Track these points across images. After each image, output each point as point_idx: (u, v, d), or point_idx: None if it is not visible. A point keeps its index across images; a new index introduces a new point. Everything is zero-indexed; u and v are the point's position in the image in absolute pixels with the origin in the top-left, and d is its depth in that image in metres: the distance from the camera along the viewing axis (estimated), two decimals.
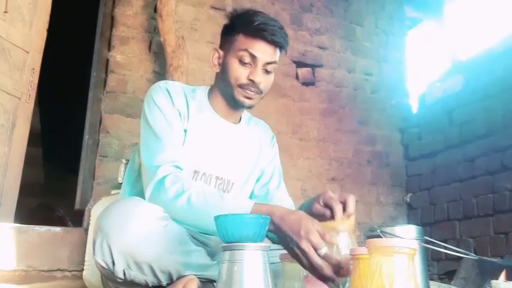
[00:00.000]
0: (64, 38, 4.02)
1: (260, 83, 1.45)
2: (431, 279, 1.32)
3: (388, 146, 3.76)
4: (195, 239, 1.31)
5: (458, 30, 3.90)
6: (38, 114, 4.20)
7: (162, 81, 1.52)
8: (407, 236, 1.12)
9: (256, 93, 1.46)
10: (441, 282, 2.17)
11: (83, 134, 3.06)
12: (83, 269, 1.46)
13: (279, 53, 1.49)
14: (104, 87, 3.06)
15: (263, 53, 1.44)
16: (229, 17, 1.54)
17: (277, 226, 1.12)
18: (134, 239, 1.11)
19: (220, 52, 1.51)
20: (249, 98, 1.46)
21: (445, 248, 1.27)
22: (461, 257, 1.63)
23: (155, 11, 3.08)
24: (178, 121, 1.43)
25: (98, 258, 1.13)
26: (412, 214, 3.68)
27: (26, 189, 2.90)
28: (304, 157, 3.47)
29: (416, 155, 3.70)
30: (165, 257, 1.15)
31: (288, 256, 1.11)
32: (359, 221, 3.54)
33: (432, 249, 1.19)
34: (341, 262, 1.03)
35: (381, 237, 1.10)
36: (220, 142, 1.52)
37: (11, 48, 2.56)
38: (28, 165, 2.76)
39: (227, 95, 1.50)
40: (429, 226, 3.42)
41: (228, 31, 1.52)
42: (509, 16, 3.43)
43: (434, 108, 3.60)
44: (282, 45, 1.48)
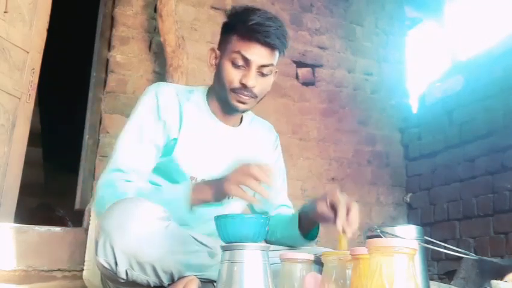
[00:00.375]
0: (64, 38, 4.02)
1: (254, 87, 1.39)
2: (431, 279, 1.32)
3: (388, 146, 3.76)
4: (194, 239, 1.31)
5: (458, 30, 3.90)
6: (38, 114, 4.20)
7: (156, 85, 1.48)
8: (407, 236, 1.12)
9: (250, 97, 1.41)
10: (441, 282, 2.17)
11: (83, 134, 3.06)
12: (83, 269, 1.46)
13: (278, 55, 1.43)
14: (104, 87, 3.06)
15: (257, 56, 1.37)
16: (227, 15, 1.48)
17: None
18: (136, 240, 1.11)
19: (217, 52, 1.45)
20: (242, 103, 1.41)
21: (445, 248, 1.27)
22: (461, 257, 1.63)
23: (155, 11, 3.08)
24: (154, 136, 1.40)
25: (101, 259, 1.12)
26: (412, 214, 3.68)
27: (26, 189, 2.90)
28: (304, 157, 3.47)
29: (416, 155, 3.70)
30: (167, 257, 1.15)
31: (288, 256, 1.12)
32: (359, 221, 3.54)
33: (432, 249, 1.19)
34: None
35: (381, 237, 1.10)
36: (218, 147, 1.48)
37: (11, 48, 2.56)
38: (28, 165, 2.76)
39: (222, 98, 1.45)
40: (429, 226, 3.42)
41: (225, 30, 1.46)
42: (509, 16, 3.43)
43: (434, 108, 3.60)
44: (278, 47, 1.40)
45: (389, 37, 3.92)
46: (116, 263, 1.12)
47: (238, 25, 1.39)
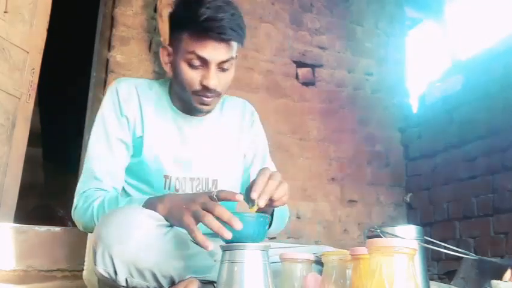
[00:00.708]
0: (64, 38, 4.02)
1: (216, 87, 1.31)
2: (431, 279, 1.32)
3: (388, 146, 3.76)
4: (193, 242, 1.31)
5: (458, 30, 3.90)
6: (38, 114, 4.20)
7: (116, 81, 1.44)
8: (407, 236, 1.11)
9: (214, 97, 1.34)
10: (441, 282, 2.17)
11: (83, 134, 3.06)
12: (83, 269, 1.46)
13: (236, 46, 1.32)
14: (104, 87, 3.05)
15: (214, 54, 1.27)
16: (174, 8, 1.35)
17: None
18: (135, 249, 1.10)
19: (169, 49, 1.35)
20: (206, 105, 1.35)
21: (445, 248, 1.27)
22: (461, 257, 1.62)
23: (155, 11, 3.08)
24: (121, 134, 1.37)
25: (100, 268, 1.11)
26: (412, 214, 3.68)
27: (26, 189, 2.90)
28: (304, 157, 3.47)
29: (416, 155, 3.70)
30: (167, 263, 1.14)
31: (288, 256, 1.12)
32: (359, 221, 3.55)
33: (432, 249, 1.19)
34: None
35: (381, 237, 1.09)
36: (187, 141, 1.42)
37: (11, 48, 2.56)
38: (28, 165, 2.76)
39: (184, 100, 1.39)
40: (429, 226, 3.42)
41: (173, 25, 1.35)
42: (509, 16, 3.43)
43: (434, 108, 3.60)
44: (235, 39, 1.29)
45: (389, 37, 3.92)
46: (115, 272, 1.11)
47: (187, 21, 1.27)
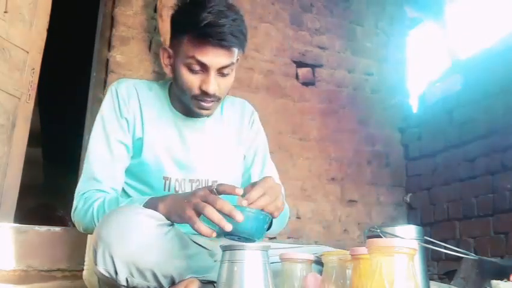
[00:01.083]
0: (64, 38, 4.02)
1: (215, 92, 1.30)
2: (431, 279, 1.32)
3: (388, 146, 3.76)
4: (194, 242, 1.31)
5: (458, 30, 3.90)
6: (38, 114, 4.20)
7: (116, 82, 1.44)
8: (407, 236, 1.11)
9: (213, 101, 1.33)
10: (441, 282, 2.17)
11: (83, 134, 3.06)
12: (83, 269, 1.46)
13: (238, 52, 1.31)
14: (104, 87, 3.06)
15: (214, 59, 1.27)
16: (179, 8, 1.34)
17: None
18: (135, 249, 1.10)
19: (170, 51, 1.35)
20: (206, 109, 1.35)
21: (445, 248, 1.27)
22: (461, 257, 1.63)
23: (155, 11, 3.08)
24: (121, 135, 1.37)
25: (101, 268, 1.11)
26: (412, 214, 3.68)
27: (26, 189, 2.89)
28: (304, 157, 3.47)
29: (416, 155, 3.70)
30: (167, 263, 1.14)
31: (288, 256, 1.12)
32: (359, 221, 3.55)
33: (432, 249, 1.19)
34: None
35: (381, 237, 1.09)
36: (186, 142, 1.42)
37: (11, 48, 2.56)
38: (28, 165, 2.76)
39: (184, 103, 1.39)
40: (429, 226, 3.42)
41: (175, 28, 1.34)
42: (509, 16, 3.43)
43: (434, 108, 3.60)
44: (236, 46, 1.28)
45: (389, 37, 3.92)
46: (116, 272, 1.11)
47: (189, 25, 1.26)
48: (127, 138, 1.39)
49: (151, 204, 1.22)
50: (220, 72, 1.30)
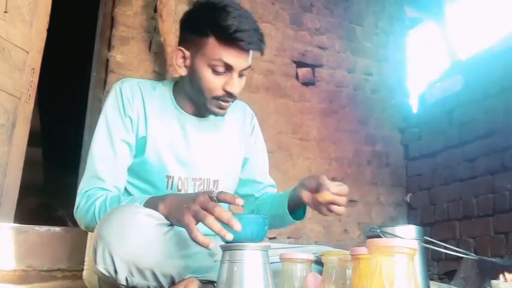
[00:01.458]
0: (64, 38, 4.02)
1: (238, 93, 1.35)
2: (431, 279, 1.32)
3: (388, 146, 3.76)
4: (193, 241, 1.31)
5: (458, 30, 3.90)
6: (38, 114, 4.20)
7: (120, 81, 1.44)
8: (407, 236, 1.11)
9: (231, 101, 1.38)
10: (441, 282, 2.17)
11: (83, 134, 3.06)
12: (83, 269, 1.46)
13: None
14: (104, 87, 3.06)
15: (240, 62, 1.32)
16: (196, 9, 1.36)
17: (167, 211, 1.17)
18: (135, 248, 1.10)
19: (186, 52, 1.36)
20: (225, 108, 1.38)
21: (445, 248, 1.27)
22: (461, 257, 1.63)
23: (155, 11, 3.08)
24: (124, 134, 1.38)
25: (100, 267, 1.12)
26: (412, 214, 3.68)
27: (26, 189, 2.89)
28: (304, 157, 3.47)
29: (416, 155, 3.70)
30: (167, 262, 1.14)
31: (288, 256, 1.12)
32: (359, 221, 3.55)
33: (432, 249, 1.19)
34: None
35: (381, 237, 1.09)
36: (190, 141, 1.43)
37: (11, 48, 2.56)
38: (28, 165, 2.76)
39: (198, 103, 1.41)
40: (429, 226, 3.43)
41: (195, 29, 1.34)
42: (509, 16, 3.43)
43: (434, 108, 3.60)
44: (261, 50, 1.35)
45: (389, 37, 3.92)
46: (115, 271, 1.11)
47: (216, 29, 1.29)
48: (130, 137, 1.39)
49: (151, 203, 1.21)
50: (241, 73, 1.35)
